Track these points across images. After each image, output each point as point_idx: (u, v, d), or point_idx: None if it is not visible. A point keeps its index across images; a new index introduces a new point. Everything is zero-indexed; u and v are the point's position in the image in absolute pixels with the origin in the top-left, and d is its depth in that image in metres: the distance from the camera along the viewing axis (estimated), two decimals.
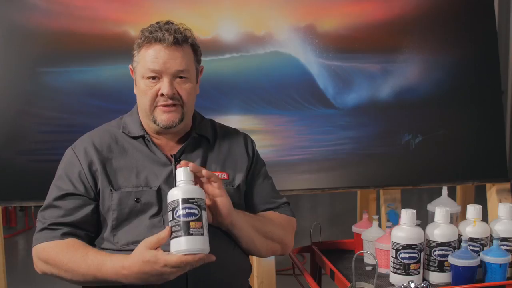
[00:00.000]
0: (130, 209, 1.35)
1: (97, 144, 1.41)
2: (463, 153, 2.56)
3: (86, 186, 1.37)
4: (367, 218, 1.75)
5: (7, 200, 2.15)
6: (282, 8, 2.41)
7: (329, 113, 2.45)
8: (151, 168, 1.39)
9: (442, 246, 1.43)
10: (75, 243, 1.32)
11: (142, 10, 2.27)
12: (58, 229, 1.33)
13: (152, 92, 1.37)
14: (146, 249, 1.19)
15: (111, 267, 1.24)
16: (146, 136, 1.43)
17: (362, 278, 1.51)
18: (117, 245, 1.35)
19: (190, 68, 1.40)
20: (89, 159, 1.39)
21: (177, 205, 1.18)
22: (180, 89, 1.39)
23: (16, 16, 2.16)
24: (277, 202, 1.53)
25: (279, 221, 1.47)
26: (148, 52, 1.37)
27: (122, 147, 1.42)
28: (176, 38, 1.36)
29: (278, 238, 1.45)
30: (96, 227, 1.39)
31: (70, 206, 1.36)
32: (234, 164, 1.48)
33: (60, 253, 1.30)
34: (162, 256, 1.16)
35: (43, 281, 3.36)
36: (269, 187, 1.54)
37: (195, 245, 1.16)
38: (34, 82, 2.17)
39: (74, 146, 1.44)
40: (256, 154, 1.55)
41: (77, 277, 1.28)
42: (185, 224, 1.16)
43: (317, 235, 1.79)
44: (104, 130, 1.47)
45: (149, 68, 1.36)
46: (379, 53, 2.49)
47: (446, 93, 2.55)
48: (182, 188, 1.21)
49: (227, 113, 2.32)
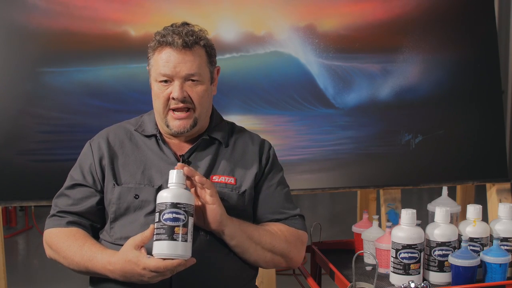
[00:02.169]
0: (128, 205, 1.39)
1: (111, 140, 1.47)
2: (463, 153, 2.56)
3: (95, 178, 1.43)
4: (367, 218, 1.75)
5: (7, 200, 2.15)
6: (282, 8, 2.41)
7: (329, 113, 2.45)
8: (159, 167, 1.42)
9: (442, 246, 1.43)
10: (76, 232, 1.37)
11: (142, 10, 2.27)
12: (64, 217, 1.40)
13: (164, 95, 1.40)
14: (131, 248, 1.22)
15: (100, 261, 1.28)
16: (158, 135, 1.46)
17: (362, 278, 1.51)
18: (112, 238, 1.39)
19: (202, 70, 1.41)
20: (101, 153, 1.45)
21: (164, 208, 1.20)
22: (192, 92, 1.40)
23: (16, 16, 2.16)
24: (287, 213, 1.48)
25: (283, 234, 1.42)
26: (160, 56, 1.39)
27: (135, 144, 1.47)
28: (185, 41, 1.37)
29: (280, 251, 1.41)
30: (101, 219, 1.45)
31: (78, 196, 1.43)
32: (244, 170, 1.46)
33: (61, 241, 1.36)
34: (143, 259, 1.19)
35: (43, 281, 3.36)
36: (281, 197, 1.49)
37: (176, 250, 1.18)
38: (34, 82, 2.17)
39: (92, 140, 1.51)
40: (272, 161, 1.52)
41: (73, 265, 1.34)
42: (170, 228, 1.18)
43: (317, 235, 1.79)
44: (121, 127, 1.52)
45: (161, 72, 1.38)
46: (379, 53, 2.49)
47: (446, 93, 2.55)
48: (172, 191, 1.22)
49: (227, 113, 2.32)
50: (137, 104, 2.20)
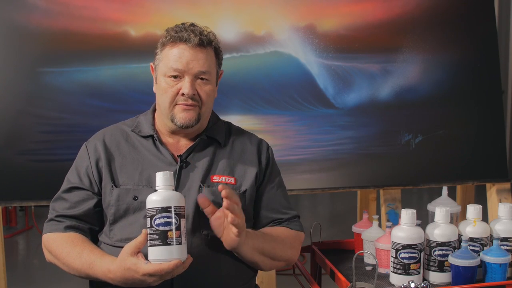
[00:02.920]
0: (127, 206, 1.38)
1: (107, 141, 1.46)
2: (463, 153, 2.56)
3: (92, 180, 1.42)
4: (367, 218, 1.75)
5: (7, 200, 2.15)
6: (282, 8, 2.41)
7: (329, 113, 2.45)
8: (156, 167, 1.40)
9: (442, 246, 1.43)
10: (75, 238, 1.37)
11: (142, 10, 2.27)
12: (62, 222, 1.40)
13: (173, 90, 1.39)
14: (128, 255, 1.21)
15: (100, 269, 1.28)
16: (155, 135, 1.45)
17: (362, 278, 1.51)
18: (112, 240, 1.38)
19: (212, 70, 1.41)
20: (97, 155, 1.43)
21: (155, 213, 1.18)
22: (201, 90, 1.40)
23: (16, 16, 2.16)
24: (289, 213, 1.51)
25: (289, 241, 1.46)
26: (172, 51, 1.38)
27: (132, 145, 1.46)
28: (201, 39, 1.38)
29: (285, 258, 1.45)
30: (99, 221, 1.44)
31: (75, 199, 1.42)
32: (243, 170, 1.47)
33: (60, 246, 1.35)
34: (141, 266, 1.19)
35: (43, 281, 3.36)
36: (282, 197, 1.52)
37: (171, 255, 1.17)
38: (34, 82, 2.17)
39: (88, 141, 1.49)
40: (271, 162, 1.53)
41: (73, 271, 1.34)
42: (163, 233, 1.17)
43: (317, 235, 1.78)
44: (117, 128, 1.50)
45: (172, 67, 1.37)
46: (379, 53, 2.49)
47: (446, 93, 2.55)
48: (161, 195, 1.20)
49: (227, 113, 2.32)
50: (137, 104, 2.20)
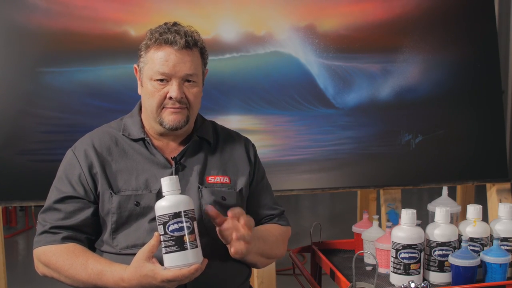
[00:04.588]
0: (130, 213, 1.34)
1: (97, 146, 1.39)
2: (463, 153, 2.56)
3: (86, 189, 1.36)
4: (367, 218, 1.75)
5: (7, 200, 2.15)
6: (282, 8, 2.41)
7: (329, 113, 2.45)
8: (151, 171, 1.38)
9: (442, 246, 1.43)
10: (75, 248, 1.31)
11: (142, 10, 2.27)
12: (58, 233, 1.33)
13: (160, 94, 1.36)
14: (143, 261, 1.19)
15: (111, 278, 1.24)
16: (146, 138, 1.41)
17: (362, 278, 1.51)
18: (116, 248, 1.34)
19: (198, 72, 1.39)
20: (89, 162, 1.37)
21: (168, 219, 1.16)
22: (188, 92, 1.37)
23: (16, 16, 2.16)
24: (279, 209, 1.54)
25: (281, 238, 1.50)
26: (157, 54, 1.35)
27: (122, 149, 1.41)
28: (187, 41, 1.35)
29: (278, 255, 1.50)
30: (96, 230, 1.39)
31: (70, 209, 1.35)
32: (235, 168, 1.46)
33: (61, 259, 1.29)
34: (159, 272, 1.17)
35: (43, 281, 3.35)
36: (271, 193, 1.56)
37: (188, 260, 1.16)
38: (34, 82, 2.17)
39: (74, 148, 1.42)
40: (258, 160, 1.54)
41: (78, 283, 1.29)
42: (179, 239, 1.16)
43: (317, 235, 1.78)
44: (104, 132, 1.44)
45: (159, 71, 1.34)
46: (379, 53, 2.49)
47: (446, 93, 2.55)
48: (170, 200, 1.19)
49: (227, 113, 2.32)
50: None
